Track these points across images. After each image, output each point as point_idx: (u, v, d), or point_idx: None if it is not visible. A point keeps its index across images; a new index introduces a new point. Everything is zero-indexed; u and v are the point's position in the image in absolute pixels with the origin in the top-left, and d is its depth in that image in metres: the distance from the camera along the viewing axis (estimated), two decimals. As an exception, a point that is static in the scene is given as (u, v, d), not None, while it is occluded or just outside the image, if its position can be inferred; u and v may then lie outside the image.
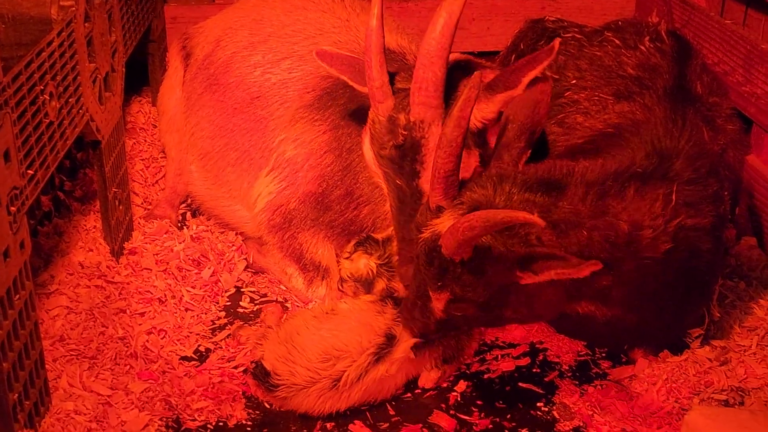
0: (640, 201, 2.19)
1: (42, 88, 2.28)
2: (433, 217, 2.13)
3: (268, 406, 2.47)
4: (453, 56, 2.55)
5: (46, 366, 2.32)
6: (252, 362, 2.48)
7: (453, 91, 2.40)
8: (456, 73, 2.46)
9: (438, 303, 2.20)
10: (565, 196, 2.13)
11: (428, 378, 2.53)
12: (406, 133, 2.32)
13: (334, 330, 2.43)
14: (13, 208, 2.06)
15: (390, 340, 2.40)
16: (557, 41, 2.26)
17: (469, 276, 2.11)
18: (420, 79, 2.27)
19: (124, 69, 3.11)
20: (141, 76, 4.03)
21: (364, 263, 2.74)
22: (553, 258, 2.01)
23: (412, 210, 2.34)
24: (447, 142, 2.02)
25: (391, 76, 2.44)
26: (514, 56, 3.48)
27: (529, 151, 2.27)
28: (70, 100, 2.49)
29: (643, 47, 2.89)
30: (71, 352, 2.53)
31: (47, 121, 2.32)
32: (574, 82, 2.83)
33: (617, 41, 2.95)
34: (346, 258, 2.78)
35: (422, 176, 2.35)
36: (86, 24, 2.67)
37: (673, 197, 2.22)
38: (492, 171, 2.20)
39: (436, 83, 2.27)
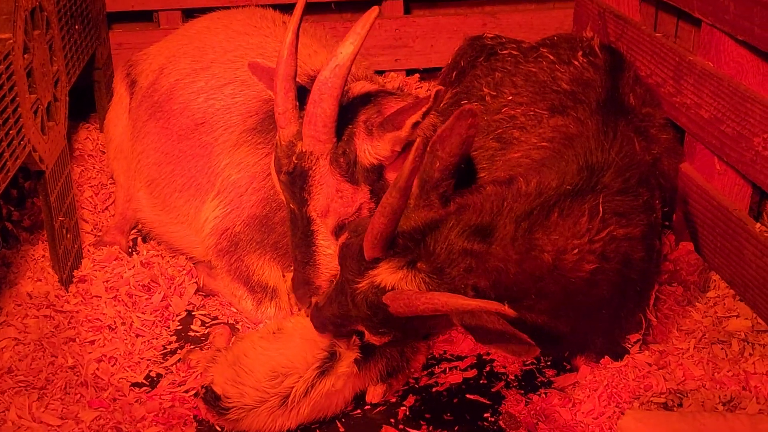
0: (564, 223, 2.25)
1: (-19, 122, 2.30)
2: (369, 267, 2.14)
3: (219, 429, 2.50)
4: (360, 84, 2.65)
5: (-6, 398, 2.33)
6: (202, 386, 2.51)
7: (353, 119, 2.48)
8: (357, 101, 2.54)
9: (377, 341, 2.27)
10: (495, 238, 2.17)
11: (375, 393, 2.58)
12: (297, 162, 2.41)
13: (281, 348, 2.47)
14: (-46, 243, 2.08)
15: (333, 355, 2.45)
16: (438, 90, 2.30)
17: (411, 323, 2.17)
18: (311, 114, 2.36)
19: (67, 98, 3.13)
20: (88, 102, 4.04)
21: None
22: (486, 312, 2.05)
23: (303, 233, 2.49)
24: (390, 209, 2.03)
25: (306, 95, 2.49)
26: (455, 73, 3.57)
27: (454, 180, 2.30)
28: (10, 132, 2.51)
29: (576, 62, 2.98)
30: (20, 384, 2.53)
31: (-12, 154, 2.33)
32: (510, 98, 2.91)
33: (552, 57, 3.04)
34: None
35: (310, 204, 2.46)
36: (25, 56, 2.69)
37: (600, 209, 2.29)
38: (424, 215, 2.21)
39: (325, 120, 2.36)
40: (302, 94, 2.51)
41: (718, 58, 2.99)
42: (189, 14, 4.04)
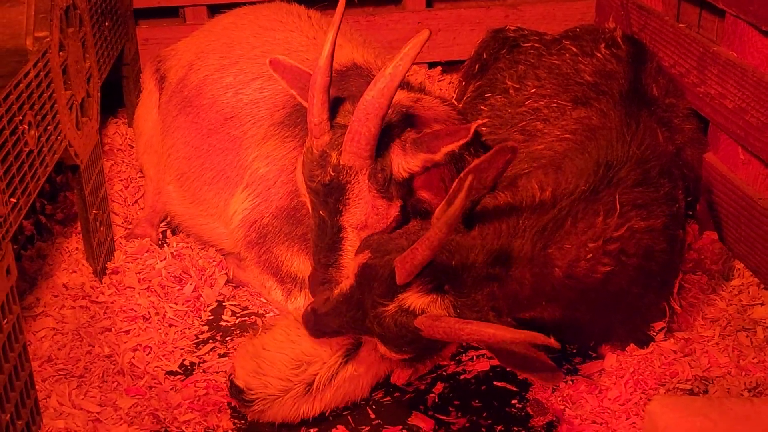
0: (577, 229, 2.30)
1: (21, 118, 2.36)
2: (399, 291, 2.16)
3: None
4: (401, 96, 2.64)
5: (36, 386, 2.40)
6: (227, 379, 2.57)
7: (388, 133, 2.48)
8: (391, 113, 2.53)
9: (394, 357, 2.29)
10: (514, 262, 2.22)
11: (400, 375, 2.62)
12: (334, 174, 2.42)
13: (303, 338, 2.51)
14: (-3, 236, 2.15)
15: (357, 341, 2.49)
16: (474, 125, 2.33)
17: (436, 343, 2.22)
18: (355, 131, 2.36)
19: (99, 93, 3.20)
20: (116, 97, 4.11)
21: None
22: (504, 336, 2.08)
23: (331, 240, 2.50)
24: (437, 243, 2.05)
25: (337, 104, 2.53)
26: (477, 66, 3.60)
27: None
28: (48, 127, 2.58)
29: (599, 54, 3.01)
30: (59, 372, 2.61)
31: (27, 149, 2.40)
32: (533, 90, 2.95)
33: (574, 49, 3.07)
34: None
35: (344, 215, 2.47)
36: (61, 53, 2.75)
37: (617, 205, 2.33)
38: (451, 239, 2.21)
39: (369, 138, 2.37)
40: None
41: (743, 49, 3.01)
42: (214, 10, 4.10)
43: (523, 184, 2.41)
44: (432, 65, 4.50)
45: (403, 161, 2.45)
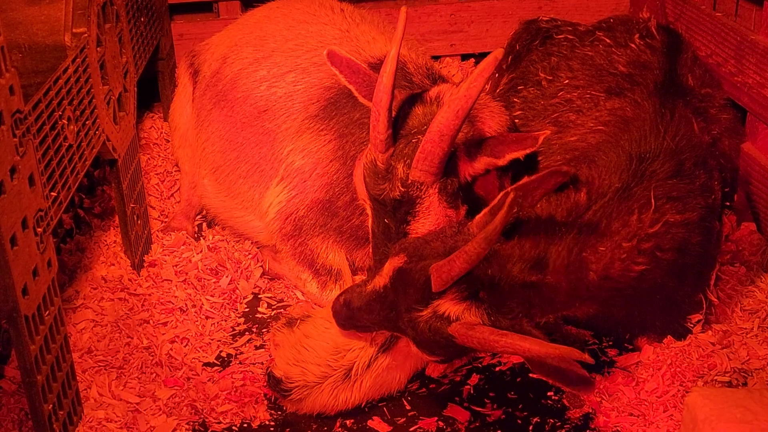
0: (611, 230, 2.28)
1: (60, 113, 2.40)
2: (434, 297, 2.16)
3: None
4: (446, 91, 2.60)
5: (77, 377, 2.44)
6: (265, 372, 2.59)
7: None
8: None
9: (427, 358, 2.33)
10: (551, 269, 2.21)
11: (435, 367, 2.63)
12: (404, 189, 2.42)
13: None
14: (39, 230, 2.18)
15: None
16: (543, 135, 2.33)
17: (462, 350, 2.23)
18: (428, 151, 2.34)
19: (135, 88, 3.24)
20: (152, 92, 4.16)
21: None
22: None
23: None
24: (475, 257, 2.06)
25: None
26: (510, 57, 3.57)
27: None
28: (87, 122, 2.61)
29: (633, 44, 2.98)
30: (99, 363, 2.65)
31: (66, 144, 2.44)
32: (566, 82, 2.92)
33: (608, 40, 3.04)
34: None
35: (411, 225, 2.47)
36: (98, 48, 2.79)
37: (652, 200, 2.31)
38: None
39: (441, 157, 2.36)
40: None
41: (781, 37, 2.98)
42: (248, 4, 4.12)
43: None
44: (465, 57, 4.49)
45: (470, 168, 2.45)
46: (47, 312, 2.22)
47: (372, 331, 2.42)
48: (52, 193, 2.31)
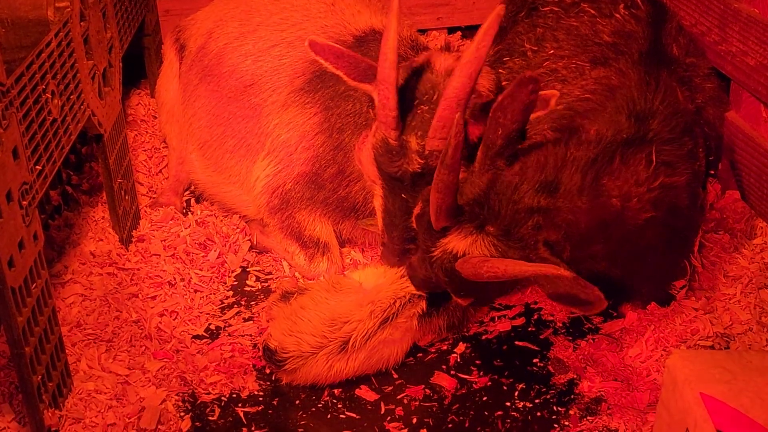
0: (626, 170, 2.28)
1: (44, 87, 2.40)
2: (440, 236, 2.20)
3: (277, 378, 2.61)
4: (442, 58, 2.59)
5: (66, 350, 2.46)
6: (259, 344, 2.61)
7: None
8: None
9: (462, 303, 2.36)
10: (562, 192, 2.19)
11: (423, 336, 2.65)
12: (422, 161, 2.41)
13: (341, 299, 2.54)
14: (24, 202, 2.19)
15: (395, 305, 2.52)
16: (554, 97, 2.29)
17: (488, 286, 2.24)
18: (444, 118, 2.33)
19: (121, 64, 3.23)
20: (139, 69, 4.14)
21: None
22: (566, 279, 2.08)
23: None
24: (442, 185, 2.08)
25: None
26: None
27: (520, 144, 2.30)
28: (71, 97, 2.61)
29: (618, 15, 2.99)
30: (89, 337, 2.67)
31: (51, 118, 2.44)
32: (552, 52, 2.93)
33: (593, 11, 3.05)
34: None
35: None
36: (82, 23, 2.78)
37: (653, 158, 2.32)
38: (489, 179, 2.22)
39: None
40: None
41: (765, 4, 2.98)
42: (233, -21, 4.11)
43: (567, 124, 2.40)
44: (452, 30, 4.48)
45: (477, 130, 2.43)
46: (34, 285, 2.23)
47: (438, 288, 2.42)
48: (37, 167, 2.31)
